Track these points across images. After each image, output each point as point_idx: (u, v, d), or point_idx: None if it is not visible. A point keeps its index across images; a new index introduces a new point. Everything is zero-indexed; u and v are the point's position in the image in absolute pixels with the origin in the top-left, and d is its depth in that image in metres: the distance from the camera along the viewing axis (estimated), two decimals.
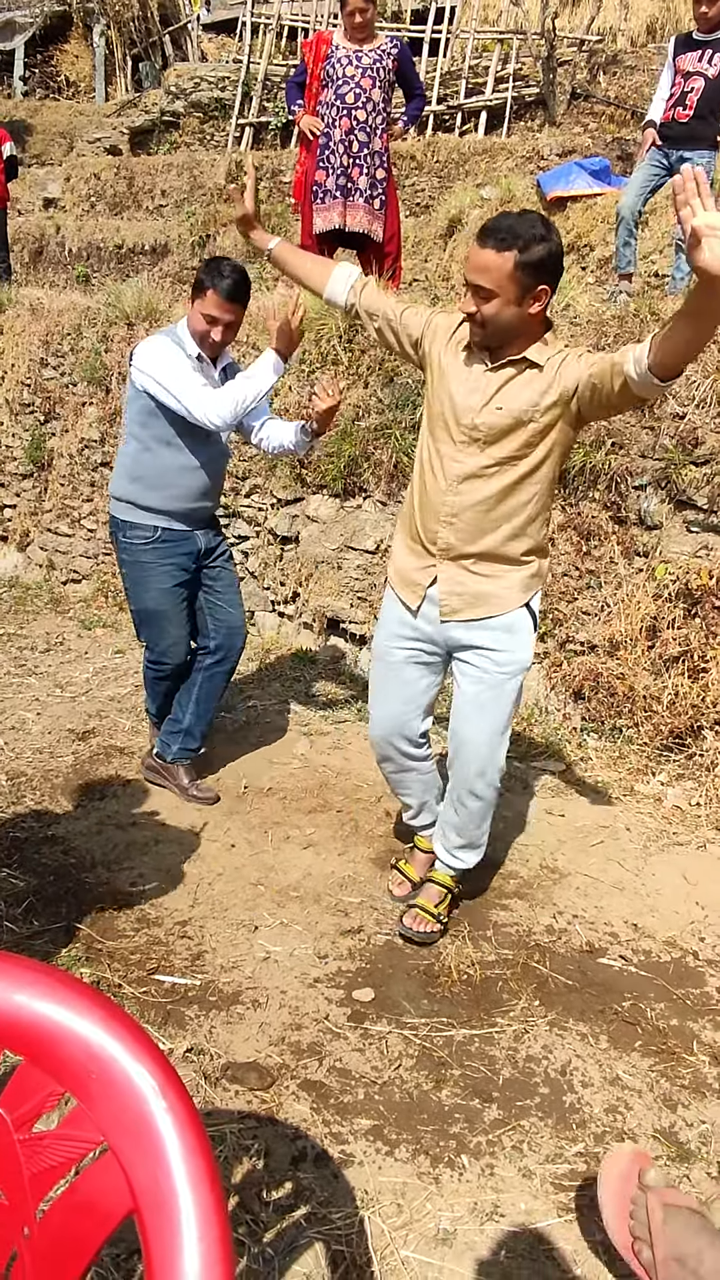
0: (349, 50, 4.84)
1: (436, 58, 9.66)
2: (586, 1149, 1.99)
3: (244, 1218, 1.78)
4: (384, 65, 4.85)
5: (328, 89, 4.89)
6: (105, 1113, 0.86)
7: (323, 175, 4.97)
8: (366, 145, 4.91)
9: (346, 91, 4.82)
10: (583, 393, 2.19)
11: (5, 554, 6.06)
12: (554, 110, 8.82)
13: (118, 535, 3.21)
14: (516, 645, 2.41)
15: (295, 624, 4.80)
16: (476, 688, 2.44)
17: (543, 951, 2.62)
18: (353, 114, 4.84)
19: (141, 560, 3.17)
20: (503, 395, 2.23)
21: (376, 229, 5.05)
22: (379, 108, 4.89)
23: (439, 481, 2.35)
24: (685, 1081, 2.18)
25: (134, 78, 13.14)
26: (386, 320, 2.45)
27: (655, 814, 3.36)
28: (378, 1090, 2.12)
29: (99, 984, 2.39)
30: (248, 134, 10.30)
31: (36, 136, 11.94)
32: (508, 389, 2.23)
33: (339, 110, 4.85)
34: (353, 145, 4.89)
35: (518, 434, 2.24)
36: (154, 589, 3.19)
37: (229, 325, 2.98)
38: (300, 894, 2.85)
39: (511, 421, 2.23)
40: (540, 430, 2.24)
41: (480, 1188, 1.89)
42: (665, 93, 4.83)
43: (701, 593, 3.54)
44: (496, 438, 2.25)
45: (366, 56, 4.82)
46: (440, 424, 2.33)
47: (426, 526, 2.40)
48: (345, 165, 4.92)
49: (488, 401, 2.24)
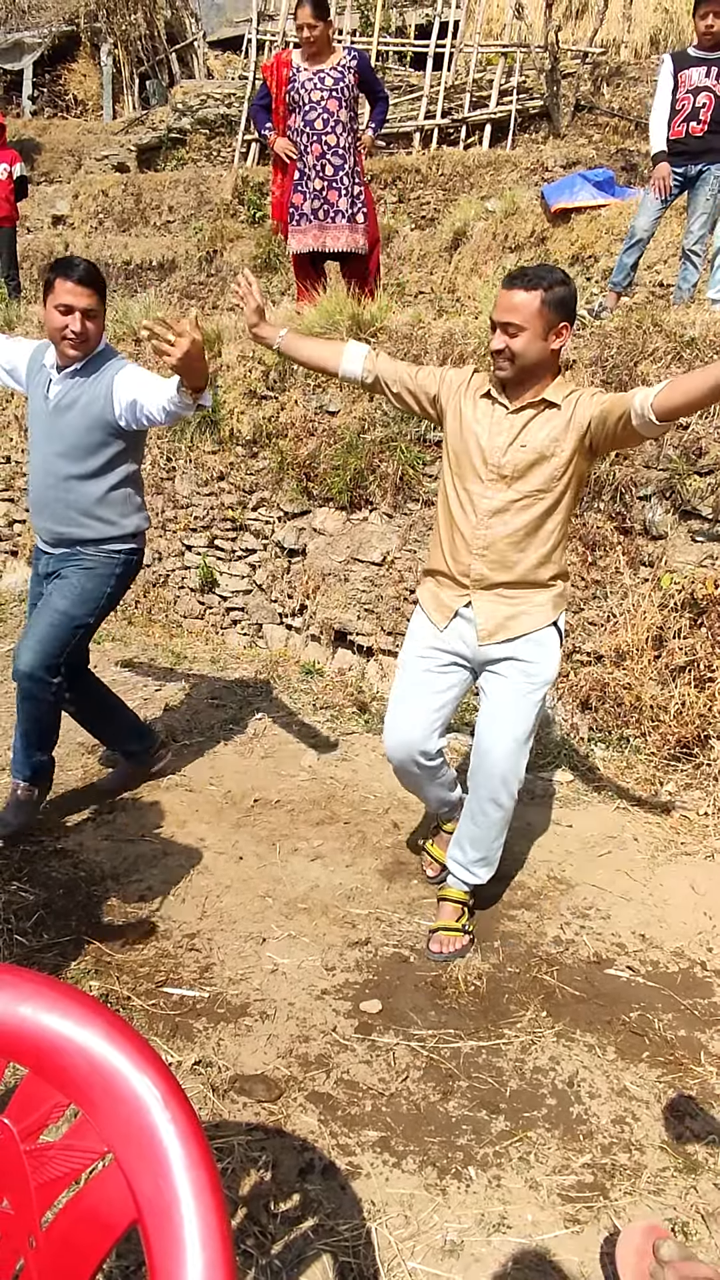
0: (310, 73, 4.81)
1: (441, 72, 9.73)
2: (594, 1160, 1.99)
3: (252, 1229, 1.78)
4: (346, 83, 4.82)
5: (295, 114, 4.88)
6: (109, 1124, 0.88)
7: (299, 199, 5.00)
8: (341, 168, 4.92)
9: (315, 118, 4.83)
10: (595, 426, 2.36)
11: (15, 569, 6.11)
12: (558, 122, 8.88)
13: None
14: (544, 658, 2.53)
15: (302, 636, 4.82)
16: (503, 696, 2.53)
17: (550, 962, 2.63)
18: (323, 139, 4.86)
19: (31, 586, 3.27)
20: (525, 434, 2.42)
21: (361, 243, 5.08)
22: (348, 127, 4.90)
23: (469, 518, 2.50)
24: (693, 1092, 2.18)
25: (141, 95, 13.27)
26: (403, 384, 2.63)
27: (663, 824, 3.36)
28: (385, 1102, 2.13)
29: (108, 996, 2.41)
30: (254, 150, 10.38)
31: (45, 154, 12.07)
32: (529, 428, 2.42)
33: (309, 137, 4.87)
34: (326, 169, 4.90)
35: (541, 468, 2.41)
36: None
37: (87, 312, 2.82)
38: (308, 906, 2.87)
39: (535, 457, 2.41)
40: (562, 464, 2.41)
41: (487, 1199, 1.89)
42: (665, 112, 4.86)
43: (707, 602, 3.55)
44: (522, 473, 2.42)
45: (329, 77, 4.79)
46: (467, 464, 2.50)
47: (458, 561, 2.54)
48: (320, 189, 4.94)
49: (512, 441, 2.43)
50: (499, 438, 2.44)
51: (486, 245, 7.58)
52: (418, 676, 2.62)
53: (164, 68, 13.16)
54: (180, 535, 5.26)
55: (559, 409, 2.40)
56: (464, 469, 2.50)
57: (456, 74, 9.79)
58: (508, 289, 2.33)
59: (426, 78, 9.73)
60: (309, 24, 4.67)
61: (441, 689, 2.60)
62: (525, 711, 2.51)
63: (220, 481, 5.07)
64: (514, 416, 2.43)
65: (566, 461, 2.40)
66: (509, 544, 2.47)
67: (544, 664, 2.53)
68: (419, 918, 2.81)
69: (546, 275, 2.32)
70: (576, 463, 2.42)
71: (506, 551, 2.47)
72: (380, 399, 4.47)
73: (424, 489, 4.33)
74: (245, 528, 5.01)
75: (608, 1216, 1.86)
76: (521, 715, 2.51)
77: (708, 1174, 1.96)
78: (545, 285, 2.30)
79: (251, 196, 9.27)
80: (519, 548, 2.47)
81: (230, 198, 9.42)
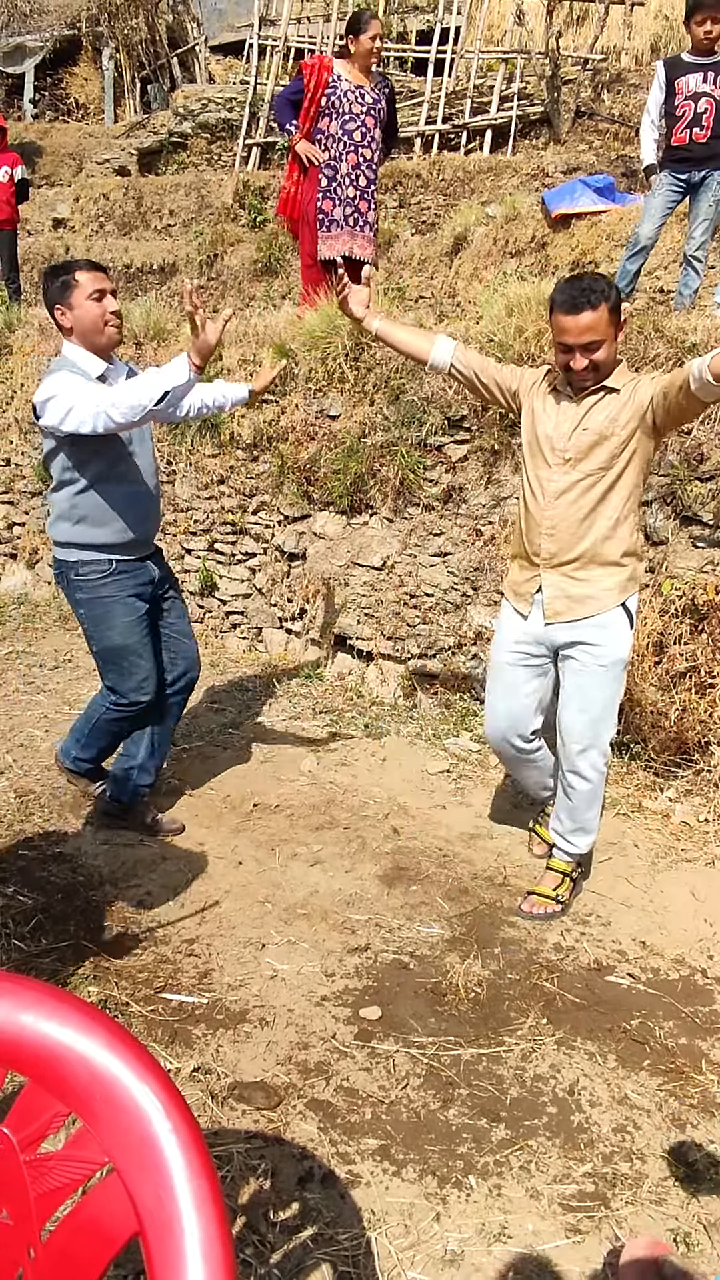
0: (352, 85, 4.98)
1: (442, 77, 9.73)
2: (595, 1169, 1.98)
3: (251, 1238, 1.77)
4: (381, 106, 5.08)
5: (331, 120, 4.99)
6: (110, 1134, 0.87)
7: (329, 205, 5.08)
8: (373, 181, 5.17)
9: (354, 129, 5.01)
10: (657, 402, 2.55)
11: (14, 571, 6.10)
12: (559, 128, 8.89)
13: (69, 576, 3.00)
14: (612, 640, 2.72)
15: (302, 640, 4.82)
16: (577, 679, 2.77)
17: (550, 969, 2.61)
18: (359, 151, 5.05)
19: (101, 596, 2.99)
20: (588, 419, 2.64)
21: (372, 252, 5.31)
22: (378, 144, 5.15)
23: (539, 500, 2.73)
24: (694, 1101, 2.17)
25: (142, 100, 13.27)
26: (490, 376, 2.88)
27: (663, 830, 3.35)
28: (385, 1110, 2.12)
29: (106, 1002, 2.40)
30: (254, 154, 10.39)
31: (46, 158, 12.07)
32: (591, 414, 2.63)
33: (346, 145, 5.02)
34: (360, 180, 5.09)
35: (601, 448, 2.62)
36: (119, 623, 3.00)
37: (114, 293, 2.91)
38: (307, 911, 2.85)
39: (595, 438, 2.62)
40: (621, 442, 2.61)
41: (488, 1208, 1.88)
42: (657, 119, 4.87)
43: (708, 608, 3.54)
44: (584, 454, 2.64)
45: (369, 95, 5.01)
46: (537, 452, 2.74)
47: (531, 541, 2.77)
48: (353, 198, 5.11)
49: (575, 426, 2.65)
50: (564, 425, 2.67)
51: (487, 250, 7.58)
52: (504, 675, 2.90)
53: (165, 72, 13.16)
54: (180, 539, 5.25)
55: (618, 393, 2.61)
56: (535, 457, 2.75)
57: (458, 80, 9.80)
58: (573, 313, 2.50)
59: (428, 83, 9.74)
60: (380, 34, 4.95)
61: (527, 680, 2.87)
62: (595, 692, 2.74)
63: (220, 485, 5.07)
64: (577, 405, 2.66)
65: (626, 439, 2.60)
66: (574, 521, 2.68)
67: (610, 646, 2.72)
68: (418, 924, 2.80)
69: (600, 286, 2.51)
70: (638, 439, 2.60)
71: (573, 529, 2.68)
72: (380, 401, 4.47)
73: (424, 494, 4.32)
74: (245, 531, 5.01)
75: (609, 1226, 1.85)
76: (592, 696, 2.74)
77: (709, 1183, 1.94)
78: (606, 297, 2.50)
79: (252, 201, 9.27)
80: (585, 524, 2.67)
81: (231, 202, 9.42)
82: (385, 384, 4.45)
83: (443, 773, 3.76)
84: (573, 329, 2.52)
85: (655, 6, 10.10)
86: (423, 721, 4.18)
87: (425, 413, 4.29)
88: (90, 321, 2.86)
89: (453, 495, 4.29)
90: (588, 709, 2.75)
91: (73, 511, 2.94)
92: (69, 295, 2.85)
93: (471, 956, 2.65)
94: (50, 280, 2.89)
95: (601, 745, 2.80)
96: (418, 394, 4.33)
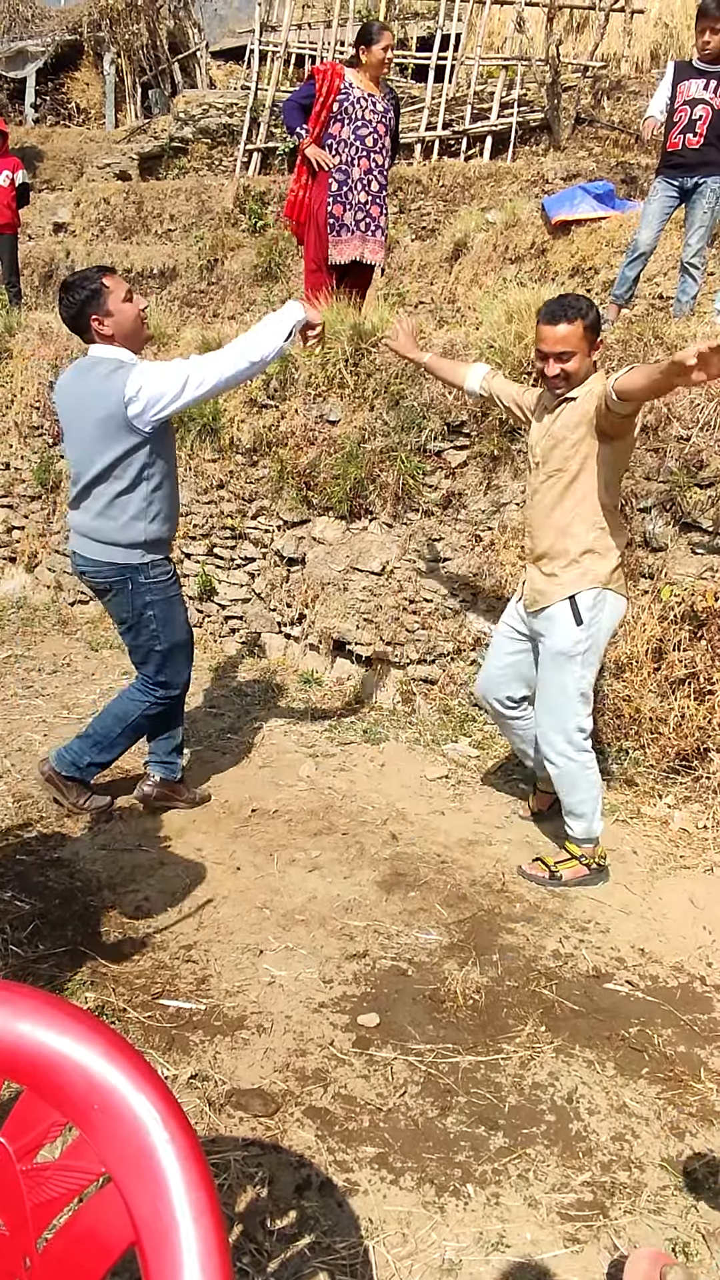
0: (365, 92, 5.02)
1: (442, 84, 9.76)
2: (593, 1178, 1.97)
3: (248, 1247, 1.76)
4: (390, 115, 5.16)
5: (343, 126, 5.02)
6: (107, 1144, 0.86)
7: (340, 210, 5.11)
8: (384, 186, 5.23)
9: (367, 134, 5.05)
10: (600, 410, 2.75)
11: (13, 575, 6.09)
12: (559, 135, 8.91)
13: (136, 580, 3.04)
14: (556, 632, 2.95)
15: (301, 645, 4.81)
16: (537, 666, 3.09)
17: (549, 976, 2.61)
18: (371, 156, 5.10)
19: (170, 595, 3.14)
20: (554, 426, 2.91)
21: (382, 258, 5.39)
22: (388, 150, 5.21)
23: (527, 501, 3.08)
24: (693, 1109, 2.16)
25: (143, 104, 13.30)
26: (514, 400, 3.23)
27: (662, 837, 3.35)
28: (383, 1117, 2.11)
29: (104, 1008, 2.39)
30: (255, 159, 10.41)
31: (47, 162, 12.09)
32: (557, 421, 2.90)
33: (359, 150, 5.05)
34: (371, 185, 5.14)
35: (557, 450, 2.88)
36: (181, 619, 3.21)
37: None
38: (305, 918, 2.85)
39: (555, 442, 2.89)
40: (573, 445, 2.85)
41: (485, 1217, 1.87)
42: (662, 104, 4.91)
43: (707, 615, 3.54)
44: (547, 457, 2.92)
45: (380, 103, 5.08)
46: (527, 458, 3.09)
47: (523, 538, 3.10)
48: (365, 203, 5.15)
49: (545, 433, 2.94)
50: (539, 432, 2.98)
51: (487, 256, 7.60)
52: (496, 640, 3.29)
53: (166, 77, 13.20)
54: (179, 543, 5.25)
55: (576, 401, 2.85)
56: (528, 464, 3.07)
57: (458, 86, 9.82)
58: (551, 324, 2.76)
59: (428, 89, 9.77)
60: (391, 44, 5.03)
61: (510, 651, 3.21)
62: (546, 679, 3.01)
63: (220, 490, 5.07)
64: (551, 415, 2.93)
65: (576, 442, 2.83)
66: (542, 518, 2.97)
67: (554, 638, 2.95)
68: (417, 930, 2.80)
69: (579, 304, 2.77)
70: (588, 443, 2.82)
71: (541, 525, 2.97)
72: (379, 407, 4.48)
73: (424, 499, 4.32)
74: (244, 536, 5.01)
75: (608, 1235, 1.84)
76: (544, 681, 3.03)
77: (708, 1193, 1.94)
78: (583, 313, 2.75)
79: (253, 206, 9.29)
80: (548, 521, 2.94)
81: (232, 206, 9.44)
82: (385, 389, 4.45)
83: (441, 778, 3.76)
84: (549, 338, 2.79)
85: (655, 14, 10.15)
86: (421, 727, 4.18)
87: (425, 418, 4.29)
88: (130, 323, 2.94)
89: (452, 500, 4.29)
90: (543, 696, 3.04)
91: (149, 510, 3.01)
92: (104, 303, 2.88)
93: (470, 963, 2.64)
94: (74, 293, 2.88)
95: (564, 732, 2.99)
96: (417, 399, 4.33)
